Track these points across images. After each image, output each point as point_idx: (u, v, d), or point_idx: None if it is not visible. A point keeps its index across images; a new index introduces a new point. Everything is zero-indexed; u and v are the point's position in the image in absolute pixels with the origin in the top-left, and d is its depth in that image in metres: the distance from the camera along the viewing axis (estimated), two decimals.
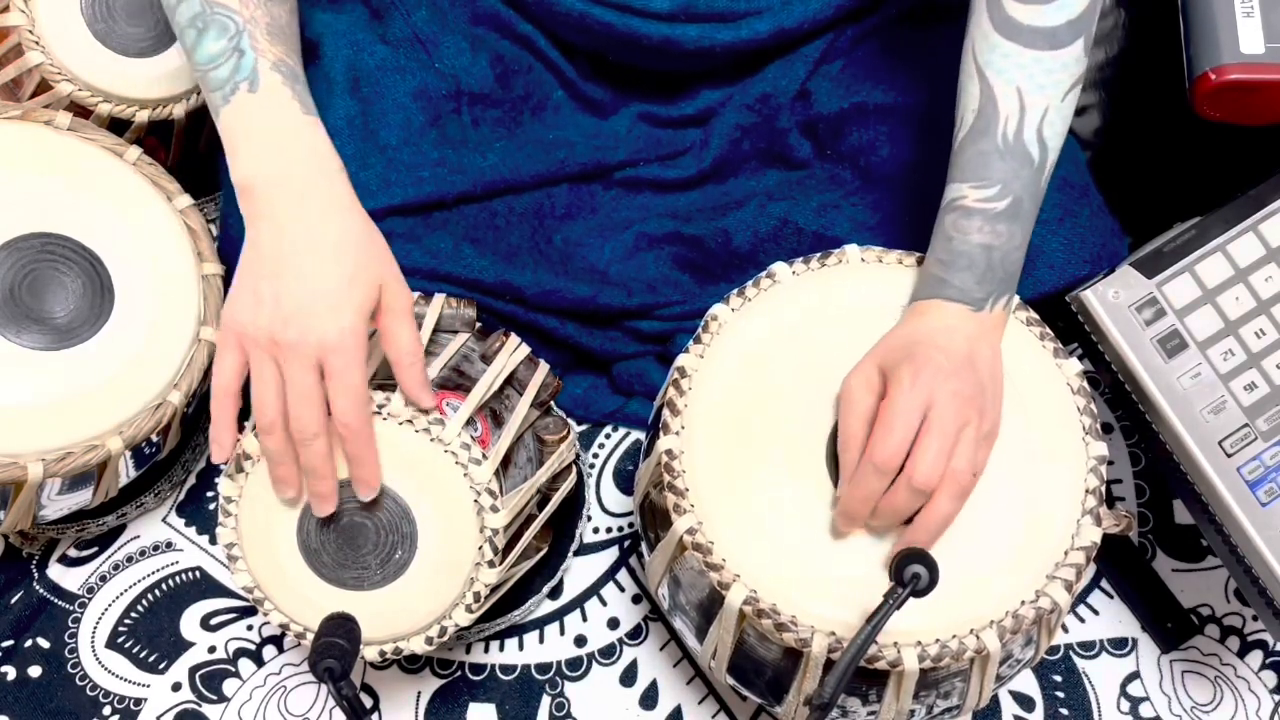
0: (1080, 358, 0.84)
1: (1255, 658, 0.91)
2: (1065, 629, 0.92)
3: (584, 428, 0.99)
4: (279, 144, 0.68)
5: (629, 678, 0.90)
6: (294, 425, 0.66)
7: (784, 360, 0.71)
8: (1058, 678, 0.90)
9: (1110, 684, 0.90)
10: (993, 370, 0.68)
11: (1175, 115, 0.84)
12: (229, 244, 0.84)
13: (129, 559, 0.94)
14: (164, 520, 0.96)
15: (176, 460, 0.94)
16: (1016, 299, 0.74)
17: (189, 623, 0.92)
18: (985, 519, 0.68)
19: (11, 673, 0.90)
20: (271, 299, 0.66)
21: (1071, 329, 0.77)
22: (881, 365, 0.67)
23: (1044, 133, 0.67)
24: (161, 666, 0.91)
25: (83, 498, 0.82)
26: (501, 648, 0.91)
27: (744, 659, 0.70)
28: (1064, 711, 0.89)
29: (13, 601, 0.92)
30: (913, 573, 0.60)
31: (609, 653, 0.91)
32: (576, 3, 0.84)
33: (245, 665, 0.91)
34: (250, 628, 0.92)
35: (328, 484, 0.68)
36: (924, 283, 0.70)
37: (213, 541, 0.95)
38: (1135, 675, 0.91)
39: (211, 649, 0.91)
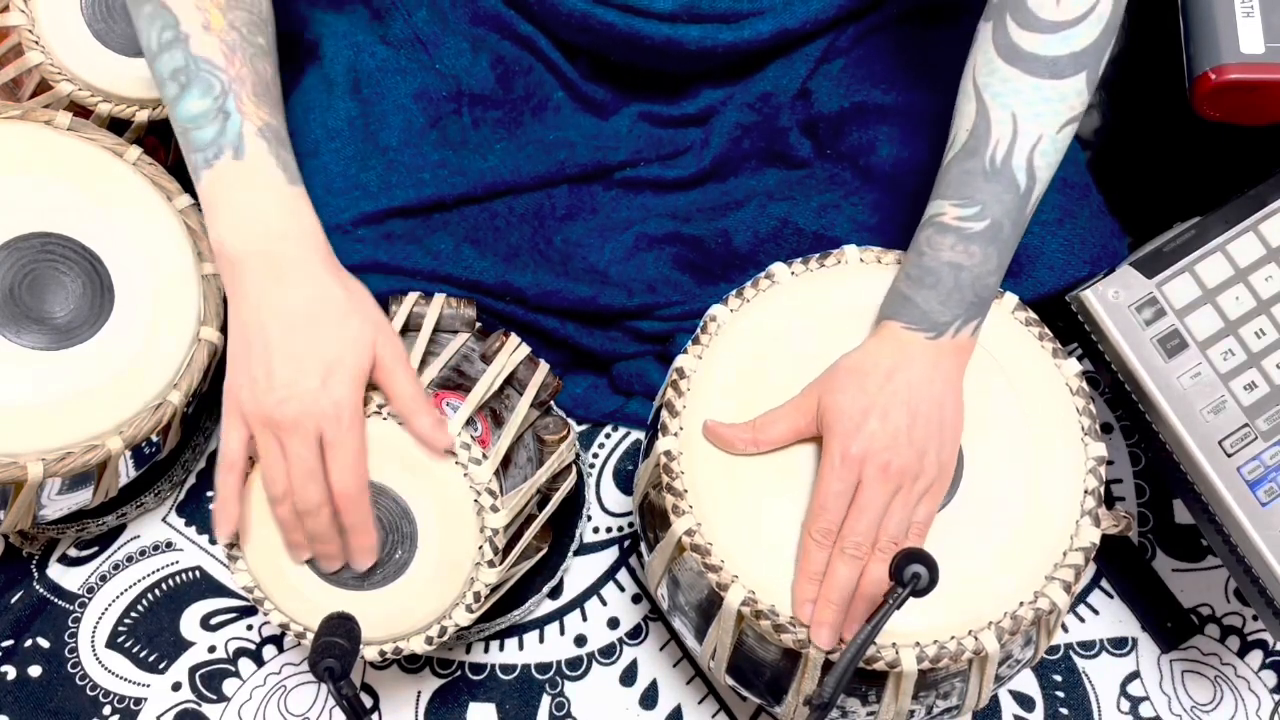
0: (1080, 358, 0.84)
1: (1255, 658, 0.91)
2: (1065, 629, 0.92)
3: (584, 428, 0.99)
4: (261, 216, 0.67)
5: (629, 677, 0.90)
6: (297, 500, 0.67)
7: (782, 361, 0.71)
8: (1058, 677, 0.90)
9: (1110, 684, 0.90)
10: (942, 410, 0.67)
11: (1175, 115, 0.84)
12: None
13: (129, 559, 0.94)
14: (164, 520, 0.96)
15: (176, 460, 0.94)
16: (1016, 299, 0.74)
17: (189, 622, 0.92)
18: (984, 519, 0.68)
19: (11, 673, 0.90)
20: (265, 379, 0.66)
21: (1071, 329, 0.77)
22: (822, 404, 0.67)
23: (1035, 161, 0.66)
24: (161, 666, 0.91)
25: (83, 498, 0.82)
26: (501, 647, 0.91)
27: (743, 659, 0.70)
28: (1064, 711, 0.89)
29: (13, 601, 0.92)
30: (913, 573, 0.60)
31: (609, 652, 0.91)
32: (579, 3, 0.84)
33: (245, 665, 0.91)
34: (250, 628, 0.92)
35: (334, 546, 0.70)
36: (890, 299, 0.69)
37: (213, 541, 0.95)
38: (1135, 675, 0.91)
39: (211, 649, 0.91)
